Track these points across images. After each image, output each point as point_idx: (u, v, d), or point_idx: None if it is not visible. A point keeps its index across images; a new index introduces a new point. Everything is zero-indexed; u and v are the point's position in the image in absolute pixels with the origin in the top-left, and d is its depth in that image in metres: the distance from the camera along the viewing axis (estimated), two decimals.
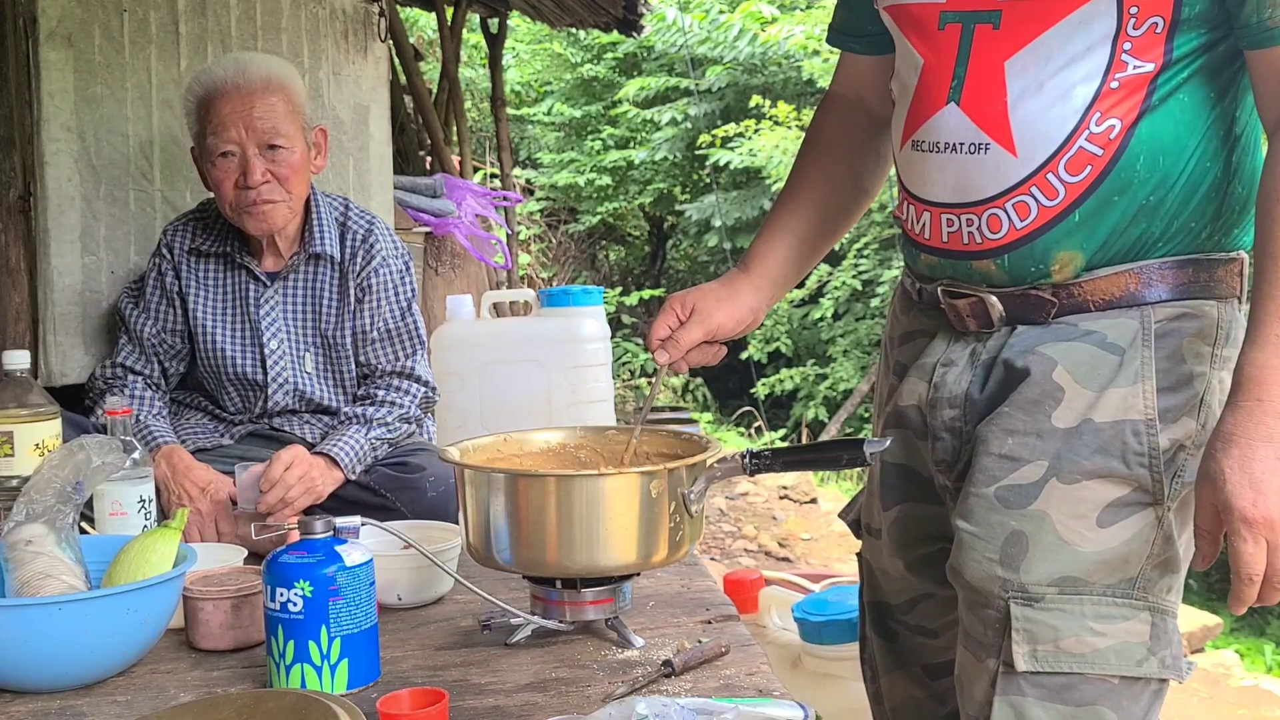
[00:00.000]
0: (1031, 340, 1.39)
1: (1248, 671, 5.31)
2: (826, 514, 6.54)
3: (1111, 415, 1.34)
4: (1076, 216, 1.35)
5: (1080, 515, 1.34)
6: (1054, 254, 1.37)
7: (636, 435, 1.69)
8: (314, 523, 1.51)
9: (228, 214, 2.30)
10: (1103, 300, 1.37)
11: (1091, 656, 1.33)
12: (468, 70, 10.68)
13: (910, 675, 1.66)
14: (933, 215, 1.43)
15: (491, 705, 1.45)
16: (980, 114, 1.36)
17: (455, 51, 4.70)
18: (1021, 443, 1.37)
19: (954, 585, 1.42)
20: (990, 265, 1.40)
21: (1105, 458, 1.34)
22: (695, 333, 1.60)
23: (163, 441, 2.26)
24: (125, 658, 1.60)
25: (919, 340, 1.54)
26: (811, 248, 1.67)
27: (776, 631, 2.72)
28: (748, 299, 1.62)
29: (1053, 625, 1.33)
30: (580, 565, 1.55)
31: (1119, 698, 1.33)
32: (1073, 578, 1.33)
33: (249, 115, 2.23)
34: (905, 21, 1.45)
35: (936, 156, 1.40)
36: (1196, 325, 1.36)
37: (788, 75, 10.80)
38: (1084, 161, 1.33)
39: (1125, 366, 1.35)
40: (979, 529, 1.38)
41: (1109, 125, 1.32)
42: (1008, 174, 1.35)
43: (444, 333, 2.89)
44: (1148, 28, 1.30)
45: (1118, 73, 1.31)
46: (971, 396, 1.44)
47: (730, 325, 1.61)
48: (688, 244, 12.61)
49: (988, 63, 1.35)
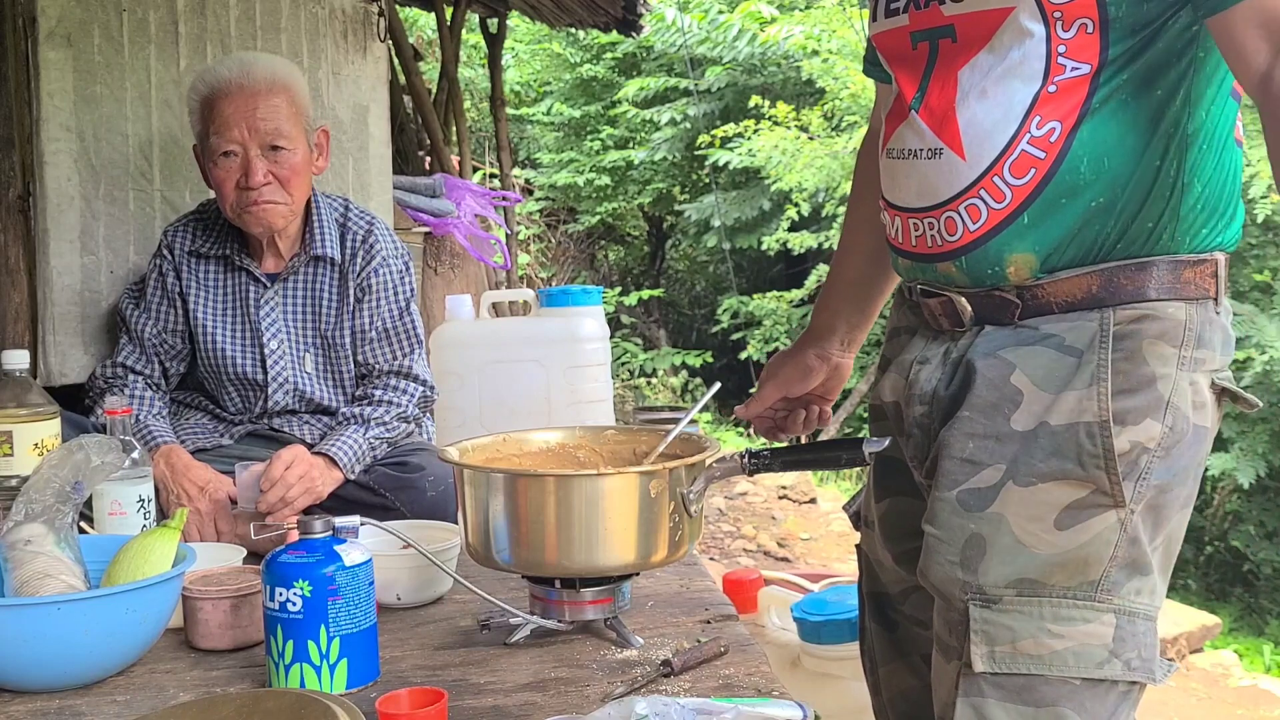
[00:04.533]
0: (996, 343, 1.41)
1: (1246, 671, 5.31)
2: (826, 514, 6.55)
3: (1066, 418, 1.34)
4: (1025, 219, 1.36)
5: (1038, 518, 1.34)
6: (1006, 256, 1.38)
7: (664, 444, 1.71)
8: (313, 522, 1.51)
9: (228, 213, 2.30)
10: (1065, 302, 1.38)
11: (1049, 658, 1.33)
12: (467, 70, 10.68)
13: (909, 665, 1.67)
14: (902, 220, 1.47)
15: (491, 705, 1.46)
16: (934, 120, 1.40)
17: (454, 51, 4.70)
18: (981, 446, 1.38)
19: (925, 587, 1.44)
20: (951, 267, 1.43)
21: (1060, 460, 1.34)
22: (767, 390, 1.77)
23: (162, 441, 2.26)
24: (124, 657, 1.60)
25: (903, 337, 1.57)
26: (867, 291, 1.76)
27: (775, 631, 2.72)
28: (809, 350, 1.76)
29: (1010, 627, 1.34)
30: (579, 565, 1.55)
31: (1081, 699, 1.33)
32: (1030, 580, 1.34)
33: (252, 116, 2.23)
34: (885, 47, 1.50)
35: (902, 163, 1.45)
36: (1158, 327, 1.35)
37: (787, 75, 10.80)
38: (1027, 164, 1.35)
39: (1082, 369, 1.35)
40: (941, 532, 1.39)
41: (1050, 128, 1.34)
42: (959, 178, 1.38)
43: (443, 332, 2.89)
44: (1077, 29, 1.31)
45: (1056, 75, 1.33)
46: (939, 394, 1.46)
47: (797, 377, 1.76)
48: (687, 244, 12.61)
49: (945, 73, 1.40)
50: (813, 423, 1.80)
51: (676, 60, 11.35)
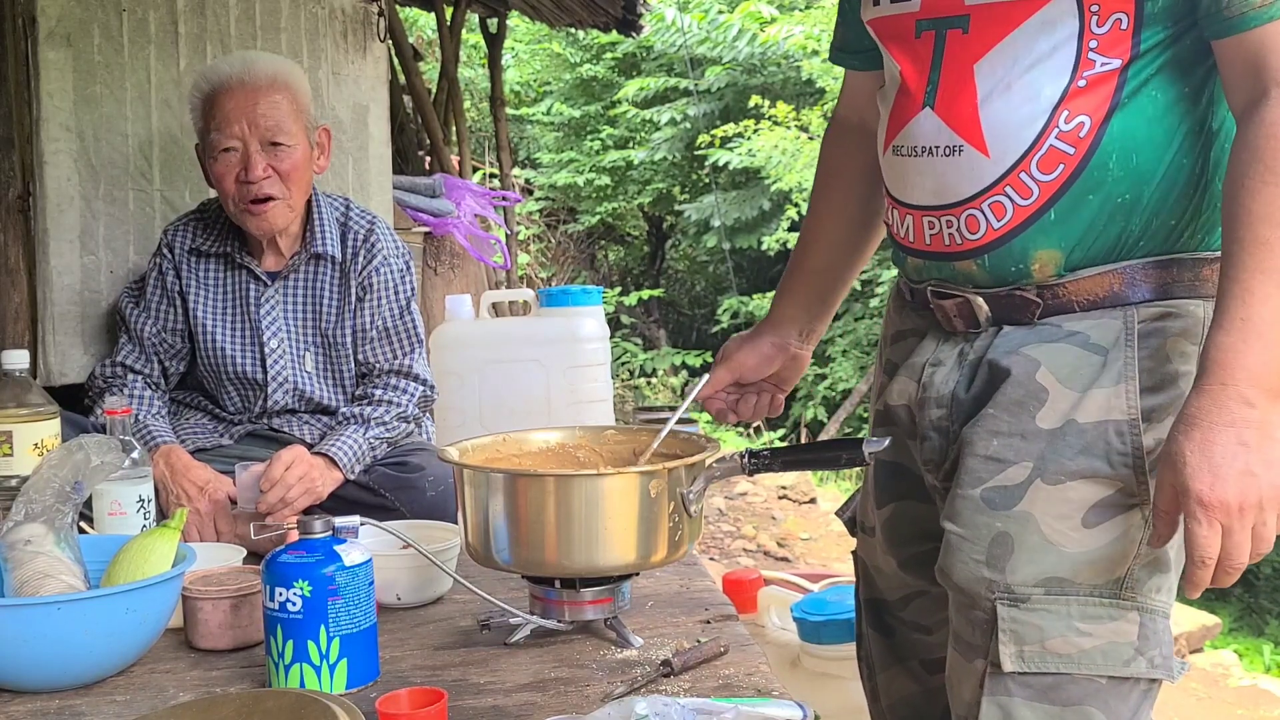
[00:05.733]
0: (1016, 341, 1.40)
1: (1246, 671, 5.31)
2: (825, 514, 6.54)
3: (1095, 416, 1.34)
4: (1052, 215, 1.35)
5: (1065, 516, 1.34)
6: (1032, 253, 1.37)
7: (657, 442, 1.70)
8: (313, 522, 1.51)
9: (230, 210, 2.30)
10: (1087, 300, 1.38)
11: (1078, 657, 1.33)
12: (467, 70, 10.68)
13: (907, 670, 1.67)
14: (915, 218, 1.45)
15: (490, 705, 1.45)
16: (952, 117, 1.38)
17: (454, 51, 4.70)
18: (1006, 444, 1.37)
19: (943, 586, 1.43)
20: (972, 265, 1.41)
21: (1089, 458, 1.34)
22: (719, 373, 1.74)
23: (162, 441, 2.26)
24: (124, 657, 1.60)
25: (910, 340, 1.55)
26: (830, 280, 1.74)
27: (775, 631, 2.72)
28: (767, 338, 1.74)
29: (1039, 626, 1.33)
30: (579, 565, 1.55)
31: (1107, 698, 1.33)
32: (1059, 578, 1.34)
33: (253, 111, 2.23)
34: (885, 32, 1.47)
35: (915, 160, 1.42)
36: (1181, 324, 1.36)
37: (787, 75, 10.80)
38: (1056, 160, 1.34)
39: (1108, 367, 1.35)
40: (966, 530, 1.38)
41: (1078, 123, 1.33)
42: (982, 175, 1.37)
43: (443, 332, 2.89)
44: (1112, 24, 1.30)
45: (1085, 70, 1.32)
46: (958, 397, 1.44)
47: (752, 363, 1.73)
48: (687, 244, 12.61)
49: (958, 67, 1.37)
50: (764, 409, 1.78)
51: (676, 60, 11.35)
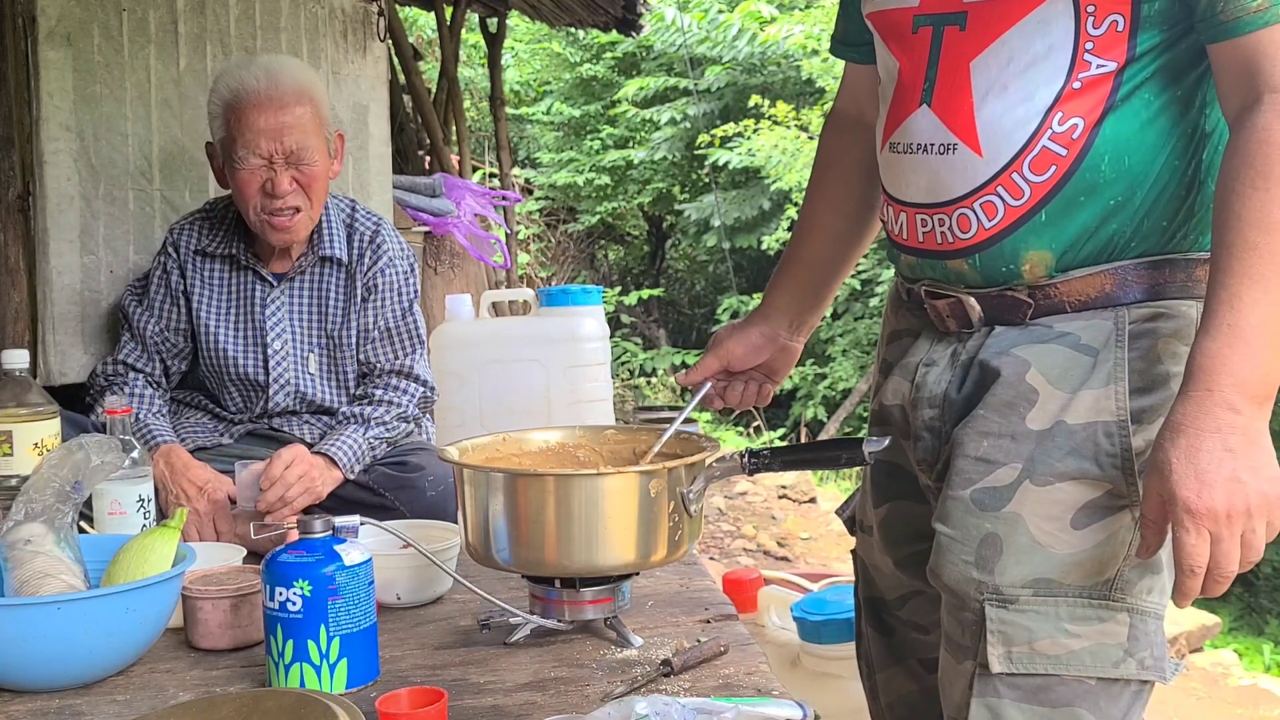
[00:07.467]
0: (1008, 342, 1.40)
1: (1246, 671, 5.31)
2: (825, 513, 6.54)
3: (1084, 417, 1.34)
4: (1043, 216, 1.35)
5: (1054, 517, 1.34)
6: (1023, 253, 1.37)
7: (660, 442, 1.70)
8: (313, 522, 1.51)
9: (250, 218, 2.28)
10: (1078, 301, 1.38)
11: (1066, 658, 1.33)
12: (467, 70, 10.68)
13: (906, 670, 1.67)
14: (909, 215, 1.45)
15: (490, 705, 1.46)
16: (948, 115, 1.38)
17: (454, 51, 4.70)
18: (996, 445, 1.37)
19: (935, 587, 1.43)
20: (963, 265, 1.41)
21: (1078, 459, 1.34)
22: (708, 360, 1.74)
23: (162, 440, 2.26)
24: (124, 657, 1.60)
25: (905, 339, 1.56)
26: (823, 273, 1.73)
27: (775, 631, 2.72)
28: (757, 328, 1.74)
29: (1027, 627, 1.33)
30: (579, 565, 1.55)
31: (1096, 699, 1.33)
32: (1047, 579, 1.34)
33: (280, 130, 2.21)
34: (884, 27, 1.47)
35: (910, 157, 1.42)
36: (1172, 326, 1.35)
37: (787, 75, 10.80)
38: (1048, 161, 1.34)
39: (1098, 368, 1.35)
40: (955, 531, 1.38)
41: (1072, 124, 1.33)
42: (975, 174, 1.37)
43: (443, 332, 2.89)
44: (1108, 26, 1.30)
45: (1080, 72, 1.32)
46: (950, 397, 1.45)
47: (741, 352, 1.73)
48: (687, 244, 12.61)
49: (955, 64, 1.37)
50: (751, 398, 1.77)
51: (676, 60, 11.34)
